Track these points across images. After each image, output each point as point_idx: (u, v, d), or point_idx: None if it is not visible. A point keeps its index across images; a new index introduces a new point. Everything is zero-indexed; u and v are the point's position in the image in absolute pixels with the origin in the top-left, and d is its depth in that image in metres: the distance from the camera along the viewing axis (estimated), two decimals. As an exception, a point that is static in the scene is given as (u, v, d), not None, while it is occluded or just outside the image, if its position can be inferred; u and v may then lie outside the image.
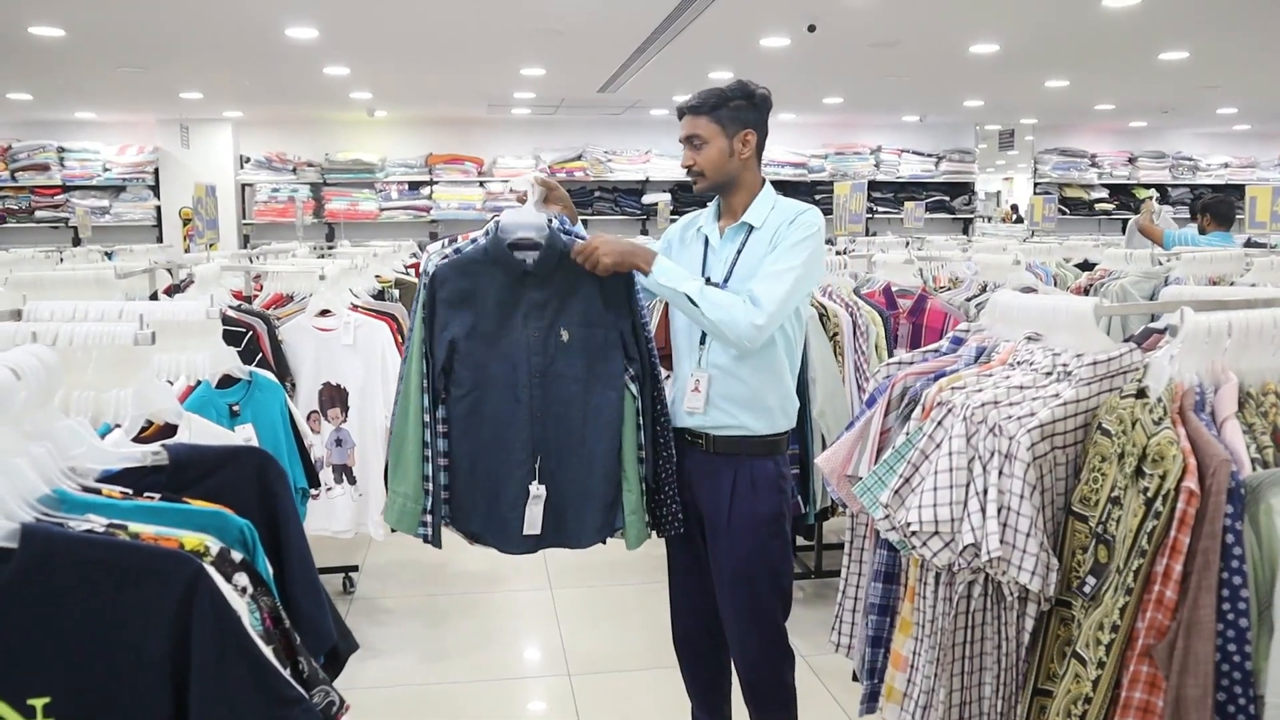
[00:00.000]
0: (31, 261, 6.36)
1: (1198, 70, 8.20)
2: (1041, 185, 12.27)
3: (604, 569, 4.59)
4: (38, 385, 1.24)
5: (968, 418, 1.84)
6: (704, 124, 2.52)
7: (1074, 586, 1.74)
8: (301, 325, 3.86)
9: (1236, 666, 1.43)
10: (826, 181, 11.44)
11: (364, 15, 6.14)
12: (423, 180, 11.32)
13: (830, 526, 4.59)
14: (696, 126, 2.52)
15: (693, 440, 2.55)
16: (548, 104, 10.32)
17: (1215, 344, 1.68)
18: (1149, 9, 5.96)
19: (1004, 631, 1.89)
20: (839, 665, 2.29)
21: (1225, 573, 1.44)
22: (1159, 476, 1.51)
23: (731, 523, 2.53)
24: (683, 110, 2.57)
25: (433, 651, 3.94)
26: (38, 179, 10.66)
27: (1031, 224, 8.98)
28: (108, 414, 1.65)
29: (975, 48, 7.28)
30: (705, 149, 2.52)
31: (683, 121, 2.57)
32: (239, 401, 2.28)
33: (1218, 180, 12.56)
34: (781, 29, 6.69)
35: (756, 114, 2.55)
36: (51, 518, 1.11)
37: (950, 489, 1.81)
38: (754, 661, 2.62)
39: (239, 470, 1.36)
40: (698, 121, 2.52)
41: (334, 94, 9.41)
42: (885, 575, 2.16)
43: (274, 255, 6.41)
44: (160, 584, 1.05)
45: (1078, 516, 1.77)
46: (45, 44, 6.72)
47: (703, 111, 2.52)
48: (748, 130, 2.54)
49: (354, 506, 3.93)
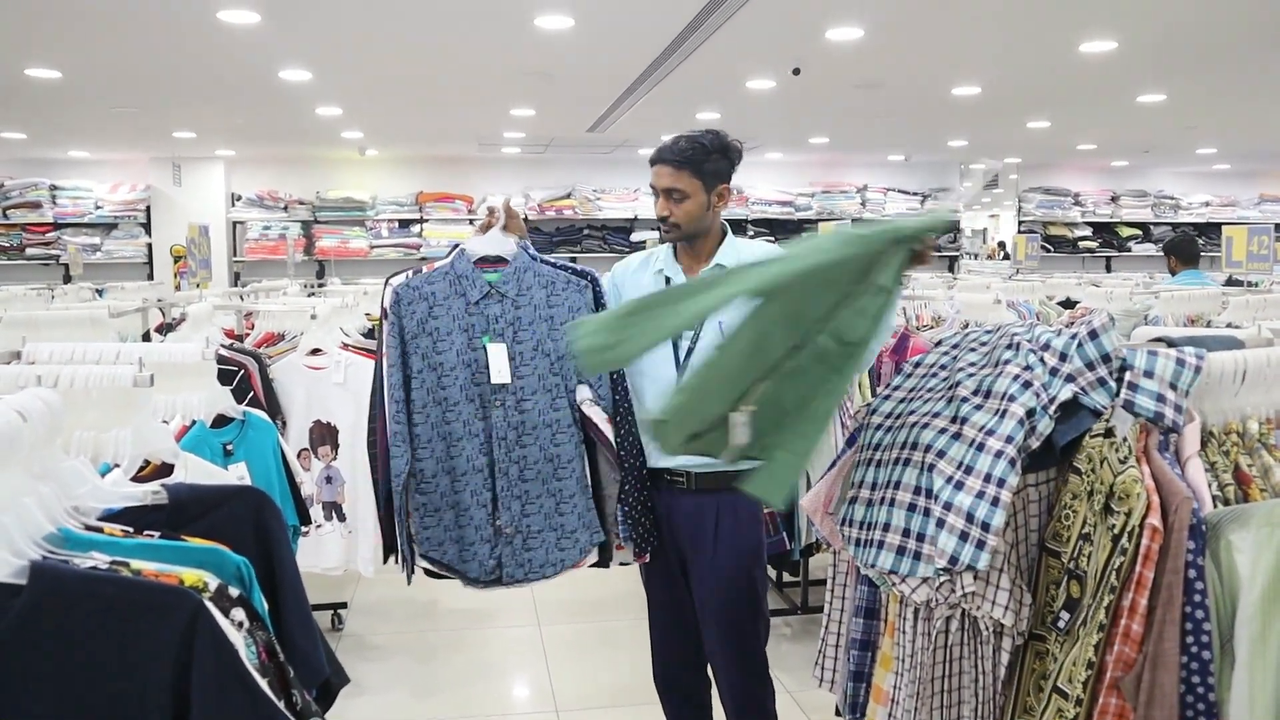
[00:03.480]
0: (23, 299, 6.38)
1: (1176, 112, 8.34)
2: (1025, 224, 12.41)
3: (592, 606, 4.60)
4: (43, 427, 1.29)
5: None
6: (686, 179, 2.53)
7: (1048, 621, 1.78)
8: (293, 364, 3.90)
9: (1200, 698, 1.48)
10: (813, 220, 11.57)
11: (357, 58, 6.24)
12: (413, 218, 11.40)
13: (816, 563, 4.62)
14: (679, 180, 2.53)
15: (672, 480, 2.59)
16: (537, 143, 10.43)
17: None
18: (1125, 54, 6.09)
19: (981, 665, 1.93)
20: (824, 701, 2.33)
21: (1188, 607, 1.49)
22: (1124, 514, 1.57)
23: (717, 556, 2.57)
24: (663, 161, 2.56)
25: (421, 688, 3.95)
26: (30, 216, 10.73)
27: (1015, 262, 9.10)
28: (107, 454, 1.69)
29: (957, 90, 7.41)
30: (685, 203, 2.54)
31: (659, 169, 2.56)
32: (233, 441, 2.33)
33: (1199, 219, 12.74)
34: (767, 71, 6.80)
35: (730, 168, 2.59)
36: (57, 555, 1.16)
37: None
38: (742, 691, 2.66)
39: (236, 509, 1.41)
40: (680, 176, 2.53)
41: (326, 133, 9.50)
42: (866, 610, 2.20)
43: (265, 293, 6.46)
44: (163, 618, 1.09)
45: (1050, 553, 1.82)
46: (41, 85, 6.79)
47: (685, 166, 2.52)
48: (725, 185, 2.59)
49: (343, 543, 3.95)
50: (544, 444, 2.54)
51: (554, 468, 2.55)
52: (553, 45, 5.82)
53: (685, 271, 2.63)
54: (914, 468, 1.88)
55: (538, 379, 2.54)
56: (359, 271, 10.56)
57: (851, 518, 2.01)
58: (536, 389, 2.54)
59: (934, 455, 1.83)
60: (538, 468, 2.55)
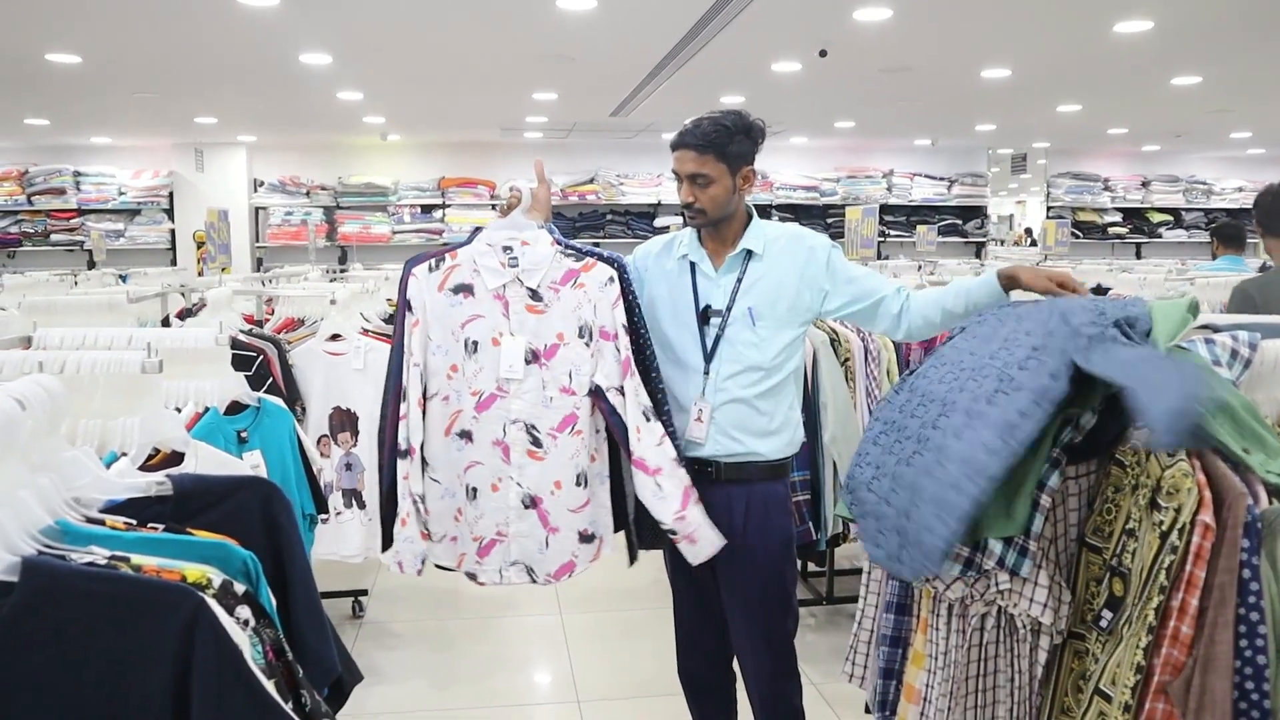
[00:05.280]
0: (46, 285, 6.39)
1: (1210, 95, 8.17)
2: (1054, 209, 12.24)
3: (614, 594, 4.56)
4: (43, 415, 1.24)
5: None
6: (711, 163, 2.44)
7: (1088, 619, 1.71)
8: (312, 349, 3.87)
9: (1255, 705, 1.41)
10: (838, 205, 11.45)
11: (377, 40, 6.19)
12: (435, 203, 11.37)
13: (841, 553, 4.56)
14: (703, 165, 2.44)
15: (699, 469, 2.51)
16: (560, 128, 10.37)
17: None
18: (1161, 34, 5.96)
19: (1017, 664, 1.86)
20: (850, 694, 2.27)
21: (1242, 608, 1.42)
22: (1174, 510, 1.49)
23: (747, 548, 2.51)
24: (685, 145, 2.46)
25: (442, 678, 3.91)
26: (54, 203, 10.77)
27: (1044, 248, 8.96)
28: (114, 442, 1.65)
29: (987, 73, 7.29)
30: (711, 188, 2.45)
31: (681, 154, 2.47)
32: (247, 428, 2.28)
33: (1232, 204, 12.52)
34: (793, 54, 6.70)
35: (754, 148, 2.51)
36: (54, 550, 1.11)
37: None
38: (771, 686, 2.60)
39: (244, 501, 1.35)
40: (704, 160, 2.44)
41: (347, 118, 9.48)
42: (897, 607, 2.13)
43: (286, 278, 6.43)
44: (162, 617, 1.04)
45: (1091, 548, 1.75)
46: (62, 70, 6.78)
47: (709, 150, 2.44)
48: (749, 168, 2.51)
49: (363, 531, 3.91)
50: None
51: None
52: (575, 27, 5.75)
53: (710, 256, 2.55)
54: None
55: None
56: (381, 257, 10.54)
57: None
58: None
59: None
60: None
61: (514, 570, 2.51)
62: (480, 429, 2.45)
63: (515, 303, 2.43)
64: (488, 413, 2.44)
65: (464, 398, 2.44)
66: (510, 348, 2.40)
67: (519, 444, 2.44)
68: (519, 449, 2.45)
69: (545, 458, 2.45)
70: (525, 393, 2.43)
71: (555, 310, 2.44)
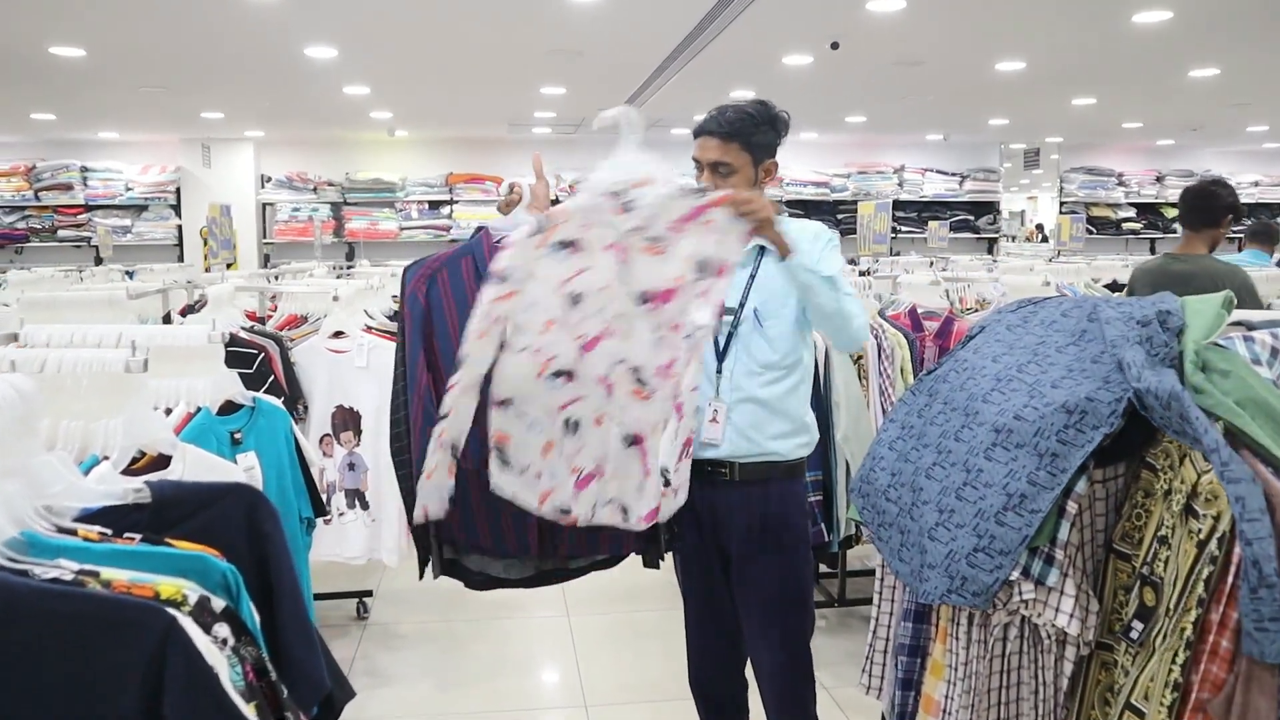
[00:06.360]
0: (51, 281, 6.35)
1: (1228, 87, 8.07)
2: (1067, 204, 12.12)
3: (621, 596, 4.48)
4: (13, 418, 1.16)
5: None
6: (734, 152, 2.37)
7: (1117, 630, 1.63)
8: (315, 347, 3.80)
9: (1300, 724, 1.32)
10: (850, 201, 11.35)
11: (383, 34, 6.12)
12: (443, 199, 11.31)
13: (854, 554, 4.47)
14: (726, 154, 2.37)
15: (714, 470, 2.43)
16: (568, 123, 10.29)
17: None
18: (1180, 25, 5.85)
19: (1041, 676, 1.78)
20: (863, 698, 2.20)
21: (1287, 622, 1.33)
22: (1212, 517, 1.41)
23: (764, 550, 2.44)
24: (708, 132, 2.39)
25: (447, 680, 3.84)
26: (61, 198, 10.74)
27: (1059, 244, 8.85)
28: (96, 445, 1.57)
29: (1001, 65, 7.19)
30: (733, 179, 2.37)
31: (704, 141, 2.40)
32: (241, 428, 2.21)
33: (1248, 199, 12.37)
34: (804, 47, 6.61)
35: (778, 140, 2.44)
36: (17, 564, 1.03)
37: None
38: (785, 690, 2.53)
39: (227, 509, 1.28)
40: (728, 148, 2.37)
41: (354, 114, 9.41)
42: (916, 615, 2.05)
43: (292, 275, 6.37)
44: (129, 639, 0.96)
45: (1120, 555, 1.67)
46: (66, 64, 6.73)
47: (733, 138, 2.36)
48: (772, 161, 2.43)
49: (367, 532, 3.85)
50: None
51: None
52: (583, 21, 5.68)
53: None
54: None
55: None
56: (389, 253, 10.48)
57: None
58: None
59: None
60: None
61: (609, 509, 2.30)
62: (584, 367, 2.24)
63: (631, 249, 2.21)
64: (591, 354, 2.23)
65: (562, 344, 2.21)
66: (620, 293, 2.19)
67: (624, 383, 2.27)
68: (624, 388, 2.28)
69: (651, 397, 2.29)
70: (635, 334, 2.22)
71: (674, 251, 2.20)
